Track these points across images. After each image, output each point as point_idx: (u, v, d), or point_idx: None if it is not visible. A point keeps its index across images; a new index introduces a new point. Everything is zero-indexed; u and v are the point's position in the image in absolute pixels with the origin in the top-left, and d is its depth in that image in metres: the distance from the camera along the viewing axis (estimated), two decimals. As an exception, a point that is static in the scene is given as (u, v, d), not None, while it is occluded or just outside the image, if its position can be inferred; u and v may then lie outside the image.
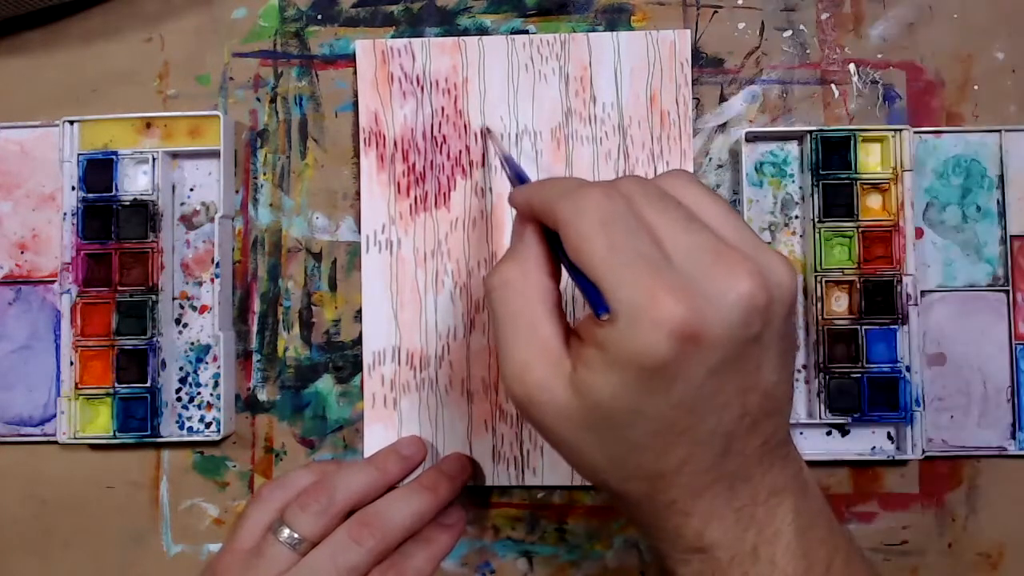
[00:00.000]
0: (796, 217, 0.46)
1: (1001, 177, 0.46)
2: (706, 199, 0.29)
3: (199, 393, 0.47)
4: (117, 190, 0.46)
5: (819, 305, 0.44)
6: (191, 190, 0.48)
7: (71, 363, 0.45)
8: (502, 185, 0.46)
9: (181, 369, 0.47)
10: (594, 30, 0.47)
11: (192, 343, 0.47)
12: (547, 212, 0.29)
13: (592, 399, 0.27)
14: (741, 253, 0.27)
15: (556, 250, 0.30)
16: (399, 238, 0.46)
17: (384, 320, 0.46)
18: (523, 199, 0.31)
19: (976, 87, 0.47)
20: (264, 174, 0.48)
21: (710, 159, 0.47)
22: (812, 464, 0.45)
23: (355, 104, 0.47)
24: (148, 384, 0.45)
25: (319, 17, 0.48)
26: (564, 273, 0.31)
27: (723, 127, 0.47)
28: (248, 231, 0.48)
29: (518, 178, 0.39)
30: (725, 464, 0.29)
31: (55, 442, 0.46)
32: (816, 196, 0.45)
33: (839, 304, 0.45)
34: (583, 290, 0.28)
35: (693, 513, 0.29)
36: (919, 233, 0.46)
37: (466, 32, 0.48)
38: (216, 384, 0.46)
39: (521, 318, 0.29)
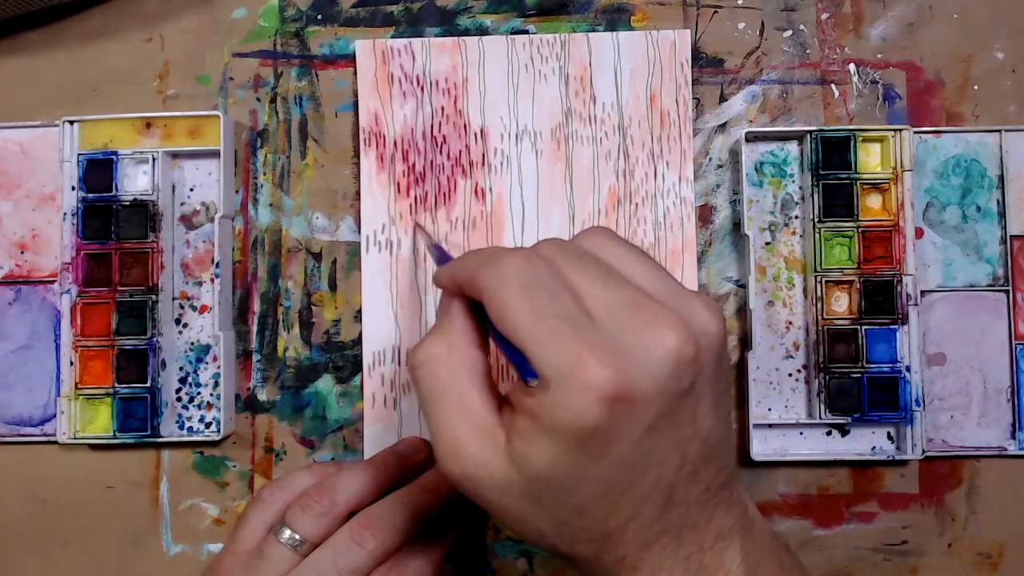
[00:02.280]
0: (796, 217, 0.46)
1: (1001, 177, 0.46)
2: (625, 253, 0.29)
3: (199, 393, 0.47)
4: (117, 190, 0.46)
5: (819, 305, 0.44)
6: (191, 190, 0.48)
7: (71, 363, 0.45)
8: (502, 184, 0.47)
9: (181, 369, 0.47)
10: (594, 30, 0.47)
11: (192, 343, 0.47)
12: (469, 282, 0.29)
13: (530, 470, 0.27)
14: (664, 306, 0.27)
15: (483, 321, 0.30)
16: (399, 238, 0.46)
17: (384, 320, 0.46)
18: (446, 275, 0.31)
19: (976, 87, 0.47)
20: (264, 174, 0.48)
21: (710, 159, 0.47)
22: (812, 464, 0.45)
23: (355, 104, 0.47)
24: (148, 384, 0.45)
25: (319, 17, 0.48)
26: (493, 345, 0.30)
27: (723, 127, 0.47)
28: (248, 231, 0.48)
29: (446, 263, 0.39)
30: (669, 515, 0.28)
31: (55, 442, 0.46)
32: (816, 196, 0.45)
33: (839, 304, 0.45)
34: (509, 357, 0.27)
35: (642, 568, 0.29)
36: (919, 233, 0.46)
37: (466, 32, 0.48)
38: (216, 384, 0.46)
39: (450, 392, 0.29)
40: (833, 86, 0.47)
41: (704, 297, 0.29)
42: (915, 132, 0.46)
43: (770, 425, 0.45)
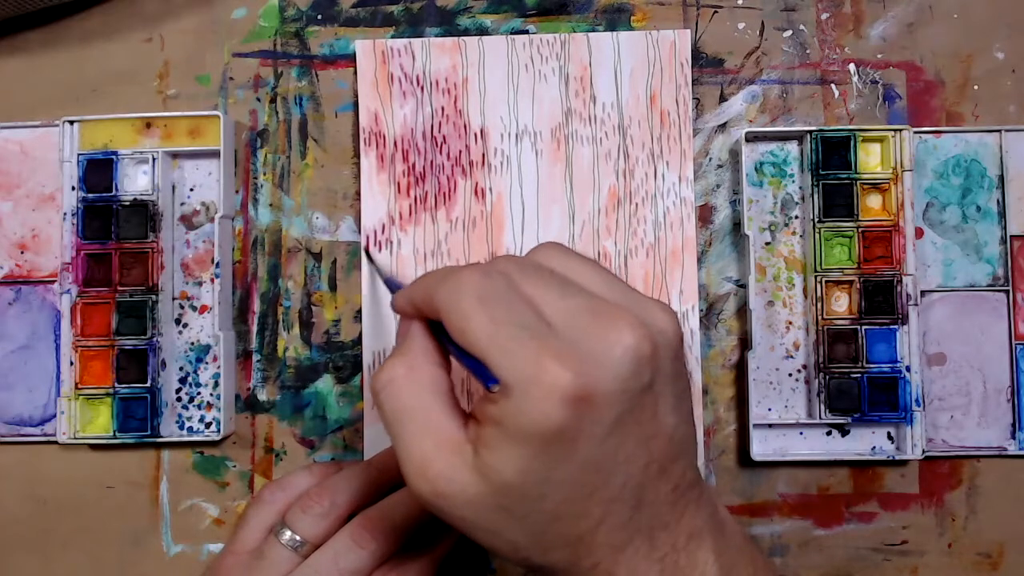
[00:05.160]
0: (796, 217, 0.46)
1: (1001, 177, 0.46)
2: (578, 264, 0.30)
3: (199, 393, 0.47)
4: (117, 190, 0.46)
5: (819, 305, 0.44)
6: (191, 190, 0.48)
7: (71, 363, 0.45)
8: (502, 184, 0.46)
9: (181, 369, 0.47)
10: (594, 30, 0.47)
11: (192, 343, 0.47)
12: (427, 301, 0.29)
13: (499, 479, 0.27)
14: (620, 308, 0.28)
15: (443, 340, 0.30)
16: (399, 238, 0.46)
17: (384, 320, 0.46)
18: (403, 298, 0.31)
19: (976, 87, 0.47)
20: (264, 174, 0.48)
21: (710, 159, 0.47)
22: (812, 464, 0.45)
23: (355, 104, 0.47)
24: (148, 384, 0.45)
25: (319, 17, 0.48)
26: (455, 364, 0.30)
27: (723, 127, 0.47)
28: (248, 231, 0.48)
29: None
30: (641, 516, 0.29)
31: (55, 442, 0.46)
32: (816, 196, 0.45)
33: (839, 304, 0.45)
34: (472, 370, 0.28)
35: (618, 571, 0.29)
36: (919, 233, 0.46)
37: (466, 32, 0.48)
38: (216, 384, 0.46)
39: (414, 412, 0.29)
40: (833, 86, 0.47)
41: (659, 301, 0.30)
42: (915, 132, 0.46)
43: (770, 425, 0.45)
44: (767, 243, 0.46)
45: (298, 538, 0.36)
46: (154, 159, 0.46)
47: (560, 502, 0.28)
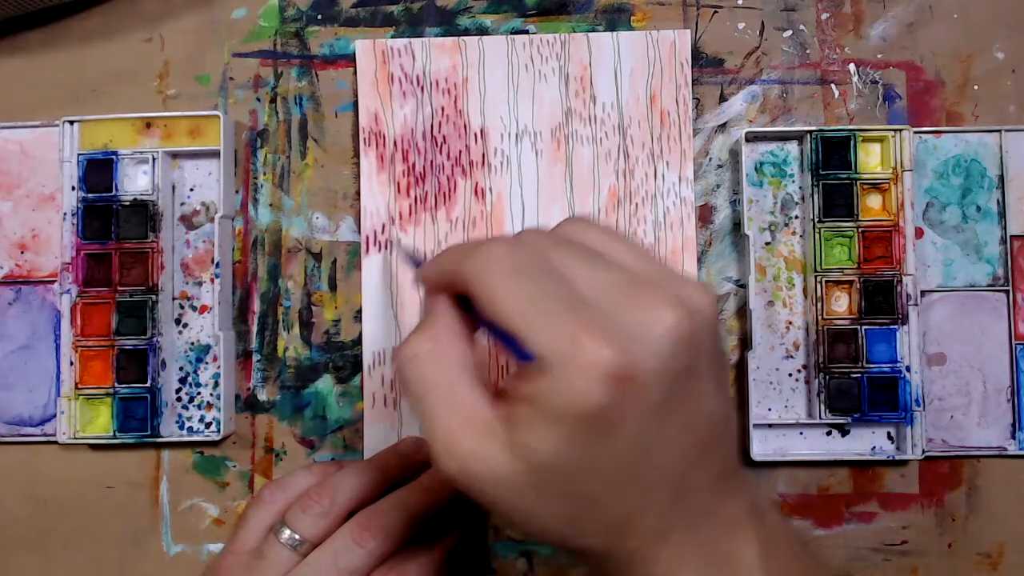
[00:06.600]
0: (796, 217, 0.46)
1: (1001, 177, 0.46)
2: (608, 238, 0.29)
3: (199, 393, 0.47)
4: (117, 190, 0.46)
5: (819, 305, 0.44)
6: (191, 190, 0.48)
7: (71, 363, 0.45)
8: (502, 184, 0.47)
9: (181, 369, 0.47)
10: (594, 30, 0.47)
11: (192, 343, 0.47)
12: (455, 275, 0.28)
13: (534, 459, 0.26)
14: (656, 285, 0.26)
15: (471, 315, 0.29)
16: (399, 238, 0.46)
17: (384, 320, 0.46)
18: (430, 271, 0.30)
19: (976, 87, 0.47)
20: (264, 174, 0.48)
21: (710, 159, 0.47)
22: (812, 464, 0.45)
23: (355, 104, 0.47)
24: (148, 384, 0.45)
25: (319, 17, 0.48)
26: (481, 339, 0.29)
27: (723, 127, 0.47)
28: (248, 231, 0.48)
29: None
30: (682, 502, 0.28)
31: (55, 442, 0.46)
32: (816, 196, 0.45)
33: (839, 304, 0.45)
34: (505, 345, 0.26)
35: (658, 559, 0.28)
36: (919, 233, 0.46)
37: (466, 32, 0.48)
38: (216, 384, 0.46)
39: (440, 388, 0.28)
40: (833, 86, 0.47)
41: (694, 280, 0.28)
42: (915, 132, 0.46)
43: (770, 425, 0.45)
44: (767, 243, 0.46)
45: (297, 537, 0.36)
46: (154, 159, 0.46)
47: (599, 485, 0.26)
